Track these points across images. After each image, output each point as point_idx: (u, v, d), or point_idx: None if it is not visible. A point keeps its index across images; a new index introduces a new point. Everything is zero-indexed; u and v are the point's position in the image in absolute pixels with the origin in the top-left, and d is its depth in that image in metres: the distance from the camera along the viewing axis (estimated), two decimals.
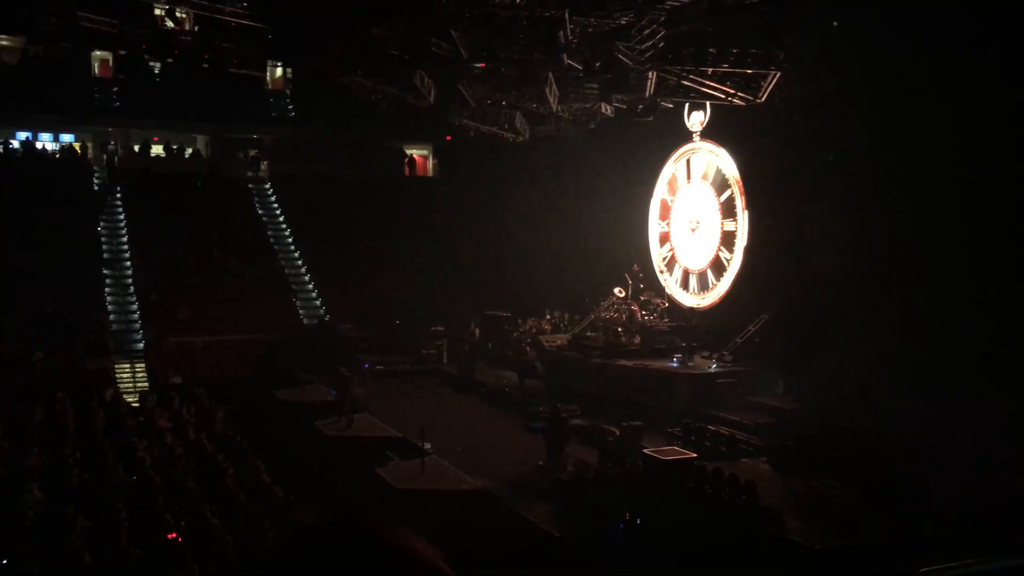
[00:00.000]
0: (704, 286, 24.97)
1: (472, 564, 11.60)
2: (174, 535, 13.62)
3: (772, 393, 20.79)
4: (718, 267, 24.37)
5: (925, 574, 4.77)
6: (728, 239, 23.96)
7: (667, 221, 26.72)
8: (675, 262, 26.35)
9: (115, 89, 36.24)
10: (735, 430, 18.79)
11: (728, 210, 24.04)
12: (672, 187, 26.51)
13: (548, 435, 17.47)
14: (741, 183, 23.56)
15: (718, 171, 24.48)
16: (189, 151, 37.79)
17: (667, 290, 26.21)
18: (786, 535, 13.05)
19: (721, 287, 24.10)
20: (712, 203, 24.66)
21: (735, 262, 23.55)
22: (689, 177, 25.74)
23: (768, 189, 22.77)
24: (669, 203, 26.63)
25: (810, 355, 19.94)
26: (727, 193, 24.06)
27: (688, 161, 25.69)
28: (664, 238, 26.84)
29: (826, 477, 15.72)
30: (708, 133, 24.64)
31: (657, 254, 26.93)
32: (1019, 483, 13.69)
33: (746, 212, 23.31)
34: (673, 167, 26.28)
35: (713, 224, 24.64)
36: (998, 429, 14.60)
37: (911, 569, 6.07)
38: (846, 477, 15.37)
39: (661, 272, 26.73)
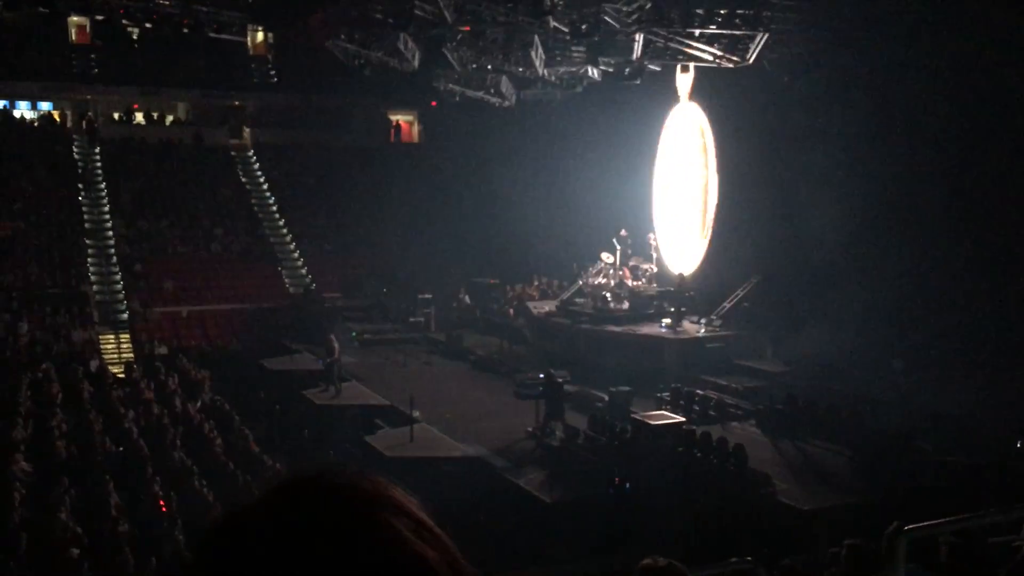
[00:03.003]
0: (689, 251, 24.97)
1: (463, 529, 11.68)
2: (162, 505, 13.69)
3: (761, 357, 20.92)
4: (699, 232, 24.37)
5: (910, 531, 4.82)
6: (707, 204, 23.96)
7: (664, 185, 26.61)
8: (668, 226, 26.27)
9: (93, 56, 35.80)
10: (724, 394, 18.92)
11: (707, 175, 23.98)
12: (668, 150, 26.39)
13: (545, 400, 17.51)
14: (715, 147, 23.50)
15: (701, 134, 24.38)
16: (170, 119, 37.45)
17: (659, 255, 26.19)
18: (776, 497, 13.18)
19: (699, 252, 24.11)
20: (695, 167, 24.62)
21: (708, 227, 23.59)
22: (678, 140, 25.64)
23: (757, 151, 22.75)
24: (666, 166, 26.52)
25: (799, 318, 20.05)
26: (706, 157, 24.00)
27: (679, 124, 25.57)
28: (661, 202, 26.71)
29: (815, 439, 15.87)
30: (696, 95, 24.52)
31: (657, 218, 26.78)
32: (1007, 440, 13.86)
33: (716, 177, 23.31)
34: (669, 129, 26.14)
35: (695, 189, 24.60)
36: (990, 388, 14.75)
37: (898, 527, 6.13)
38: (835, 439, 15.52)
39: (651, 237, 26.65)
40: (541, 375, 18.87)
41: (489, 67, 25.56)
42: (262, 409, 22.15)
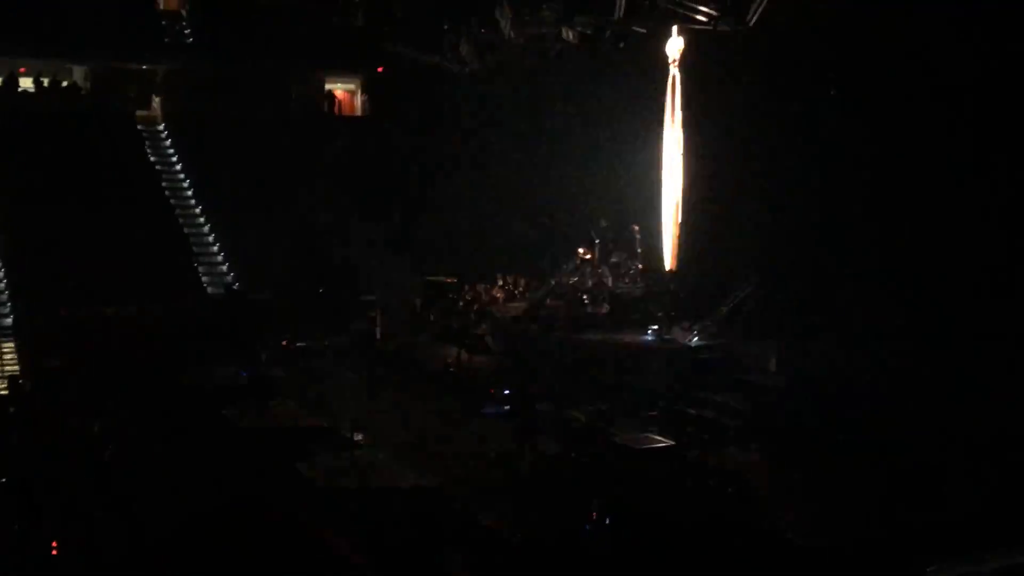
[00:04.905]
0: (669, 243, 25.16)
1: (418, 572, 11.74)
2: (55, 546, 13.56)
3: (764, 369, 21.06)
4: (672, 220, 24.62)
5: (933, 572, 4.91)
6: (681, 188, 24.21)
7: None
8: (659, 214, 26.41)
9: None
10: (721, 413, 19.05)
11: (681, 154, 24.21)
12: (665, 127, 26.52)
13: (513, 421, 17.55)
14: (685, 120, 23.72)
15: (683, 108, 24.50)
16: (64, 84, 36.99)
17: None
18: (780, 532, 13.30)
19: (670, 244, 24.37)
20: (675, 146, 24.78)
21: (672, 218, 23.87)
22: (668, 115, 25.77)
23: (759, 126, 22.89)
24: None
25: (809, 324, 20.21)
26: (684, 135, 24.19)
27: (671, 97, 25.69)
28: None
29: (826, 465, 16.01)
30: (687, 63, 24.64)
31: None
32: None
33: (686, 158, 23.57)
34: (667, 103, 26.25)
35: (674, 171, 24.75)
36: None
37: (920, 567, 6.26)
38: (850, 464, 15.67)
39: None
40: (507, 391, 18.90)
41: (446, 27, 25.58)
42: (174, 432, 21.94)
